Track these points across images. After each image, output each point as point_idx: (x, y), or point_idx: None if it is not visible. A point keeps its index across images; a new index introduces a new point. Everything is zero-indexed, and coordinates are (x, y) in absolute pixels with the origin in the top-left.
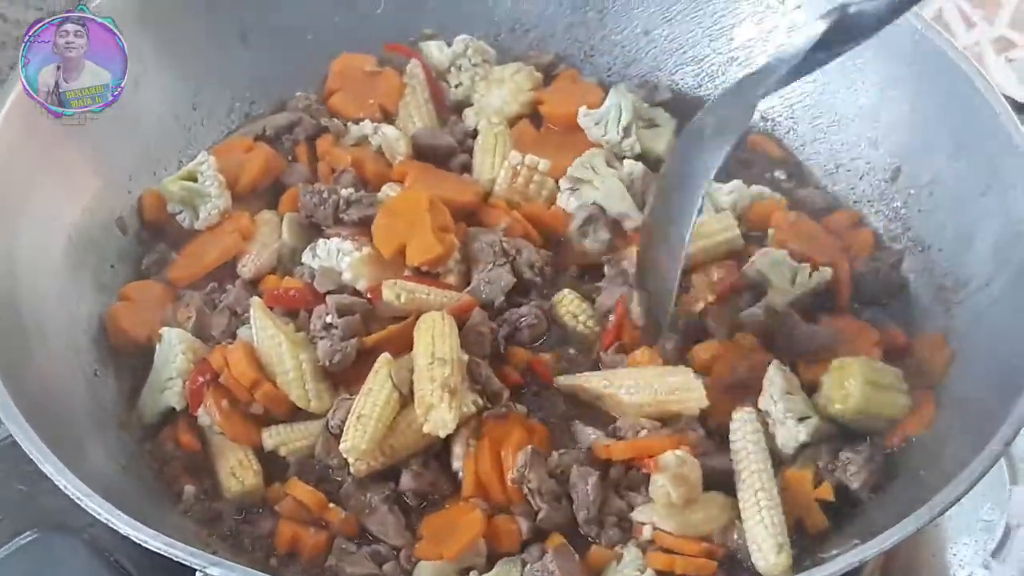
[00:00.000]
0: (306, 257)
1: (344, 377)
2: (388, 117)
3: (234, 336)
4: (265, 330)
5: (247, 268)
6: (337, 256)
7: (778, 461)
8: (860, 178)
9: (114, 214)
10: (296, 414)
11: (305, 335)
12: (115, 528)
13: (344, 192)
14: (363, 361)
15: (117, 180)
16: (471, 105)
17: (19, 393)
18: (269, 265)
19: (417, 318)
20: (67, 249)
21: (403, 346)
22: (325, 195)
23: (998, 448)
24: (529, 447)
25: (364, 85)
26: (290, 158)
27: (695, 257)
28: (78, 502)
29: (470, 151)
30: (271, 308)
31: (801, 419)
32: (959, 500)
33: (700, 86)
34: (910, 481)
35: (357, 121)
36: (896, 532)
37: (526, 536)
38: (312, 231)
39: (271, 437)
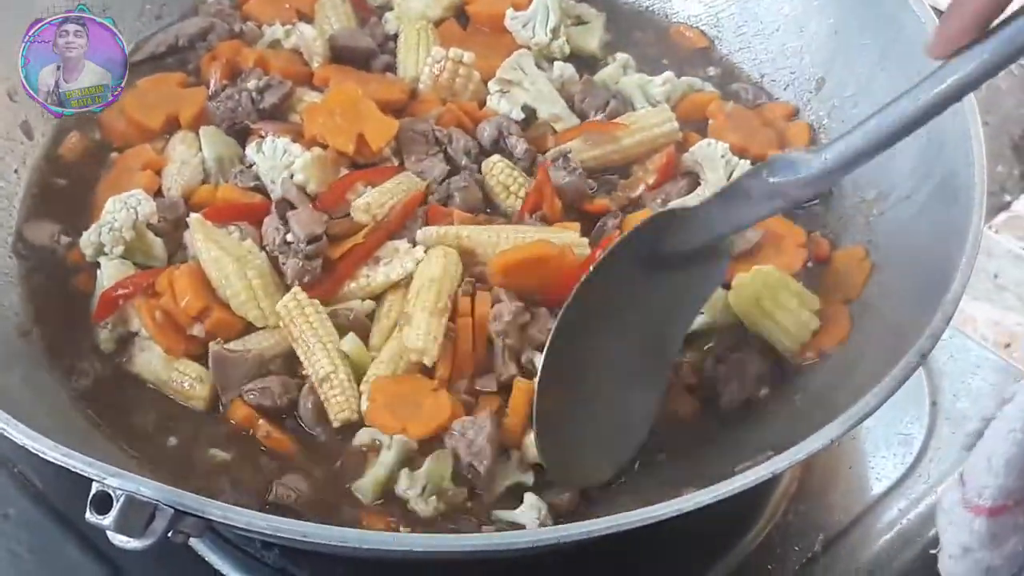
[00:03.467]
0: (249, 152)
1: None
2: (305, 20)
3: None
4: (208, 251)
5: (172, 188)
6: (283, 156)
7: None
8: (784, 88)
9: (18, 118)
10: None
11: (252, 244)
12: (12, 439)
13: (251, 84)
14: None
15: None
16: (392, 9)
17: None
18: (196, 180)
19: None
20: None
21: (364, 257)
22: (235, 96)
23: (914, 360)
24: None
25: None
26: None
27: (634, 150)
28: None
29: (392, 53)
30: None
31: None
32: (874, 412)
33: None
34: (827, 393)
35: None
36: (810, 444)
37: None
38: (237, 137)
39: (216, 344)
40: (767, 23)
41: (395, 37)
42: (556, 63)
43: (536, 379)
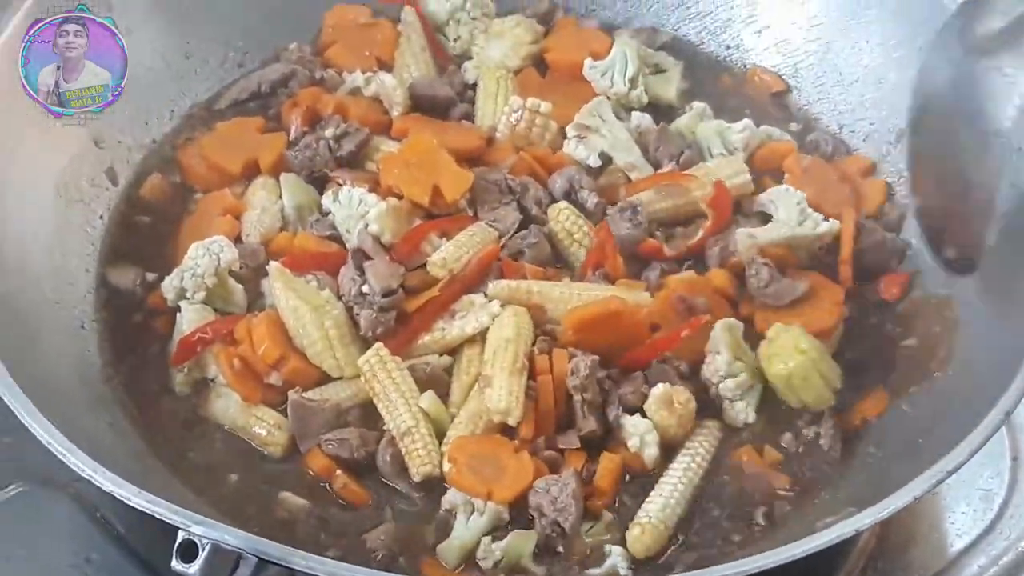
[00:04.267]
0: (326, 200)
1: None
2: (385, 68)
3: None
4: (286, 300)
5: (251, 234)
6: (359, 205)
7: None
8: (864, 139)
9: (103, 164)
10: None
11: (330, 294)
12: (98, 485)
13: (328, 132)
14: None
15: (107, 130)
16: (471, 58)
17: (3, 347)
18: (275, 227)
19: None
20: (55, 200)
21: (440, 310)
22: (313, 144)
23: (999, 418)
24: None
25: (359, 36)
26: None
27: (704, 200)
28: (61, 457)
29: (470, 102)
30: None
31: (747, 392)
32: (958, 469)
33: (702, 43)
34: (908, 450)
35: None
36: (893, 501)
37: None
38: (316, 184)
39: (296, 393)
40: (846, 74)
41: (474, 86)
42: (634, 113)
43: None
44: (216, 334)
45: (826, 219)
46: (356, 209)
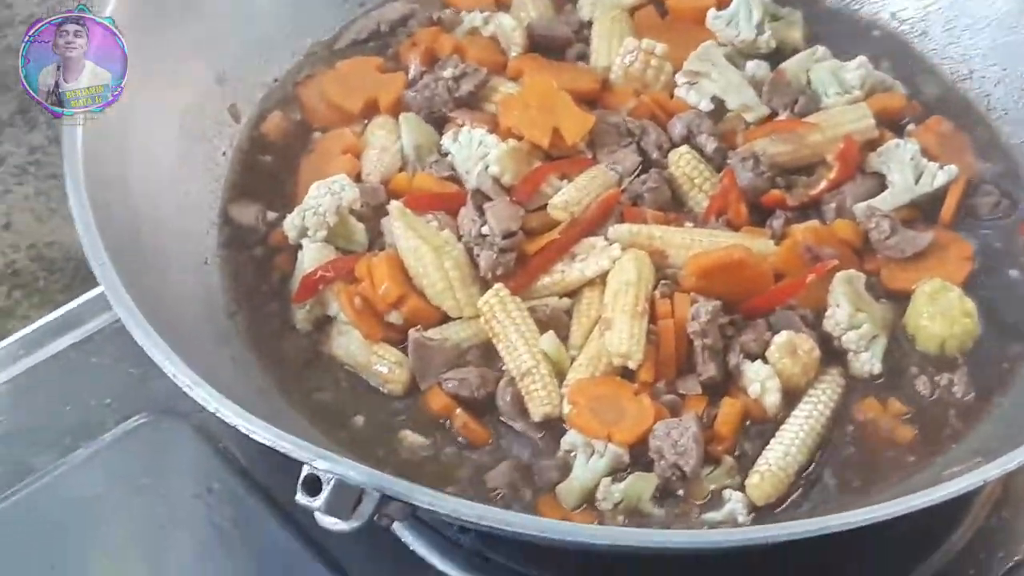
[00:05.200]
0: (446, 141)
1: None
2: (503, 8)
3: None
4: (407, 240)
5: (372, 174)
6: (479, 147)
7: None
8: (995, 85)
9: (226, 101)
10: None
11: (450, 234)
12: (223, 418)
13: (447, 72)
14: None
15: (229, 67)
16: None
17: (129, 277)
18: (395, 167)
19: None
20: (179, 135)
21: (560, 252)
22: (432, 85)
23: None
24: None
25: None
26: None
27: (825, 148)
28: (185, 390)
29: (586, 41)
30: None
31: (871, 342)
32: None
33: None
34: None
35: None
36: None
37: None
38: (435, 125)
39: (416, 331)
40: (978, 17)
41: (589, 24)
42: (750, 62)
43: None
44: (338, 272)
45: (942, 167)
46: (475, 150)
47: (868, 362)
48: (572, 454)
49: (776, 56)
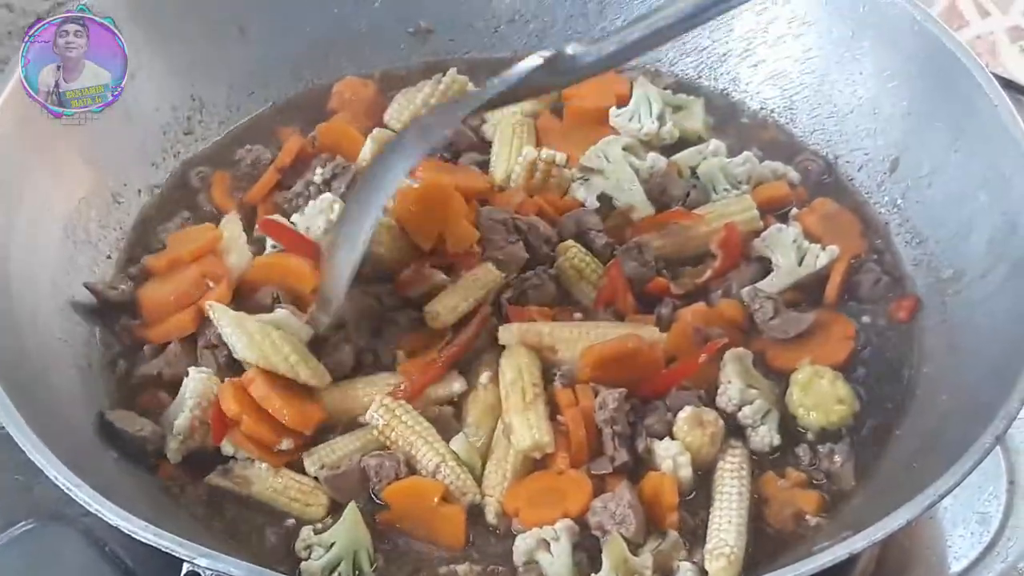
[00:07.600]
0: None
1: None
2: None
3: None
4: (238, 338)
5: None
6: (320, 203)
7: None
8: (859, 169)
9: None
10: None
11: (272, 316)
12: (105, 519)
13: (316, 176)
14: None
15: (113, 172)
16: None
17: (11, 383)
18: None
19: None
20: (62, 241)
21: (438, 375)
22: (304, 193)
23: (989, 442)
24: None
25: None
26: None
27: (709, 237)
28: (68, 492)
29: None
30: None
31: (764, 416)
32: (949, 493)
33: (700, 76)
34: (902, 473)
35: None
36: (887, 524)
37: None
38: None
39: (312, 464)
40: (840, 105)
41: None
42: (650, 154)
43: None
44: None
45: (824, 248)
46: (319, 205)
47: (767, 435)
48: (533, 561)
49: (681, 145)
